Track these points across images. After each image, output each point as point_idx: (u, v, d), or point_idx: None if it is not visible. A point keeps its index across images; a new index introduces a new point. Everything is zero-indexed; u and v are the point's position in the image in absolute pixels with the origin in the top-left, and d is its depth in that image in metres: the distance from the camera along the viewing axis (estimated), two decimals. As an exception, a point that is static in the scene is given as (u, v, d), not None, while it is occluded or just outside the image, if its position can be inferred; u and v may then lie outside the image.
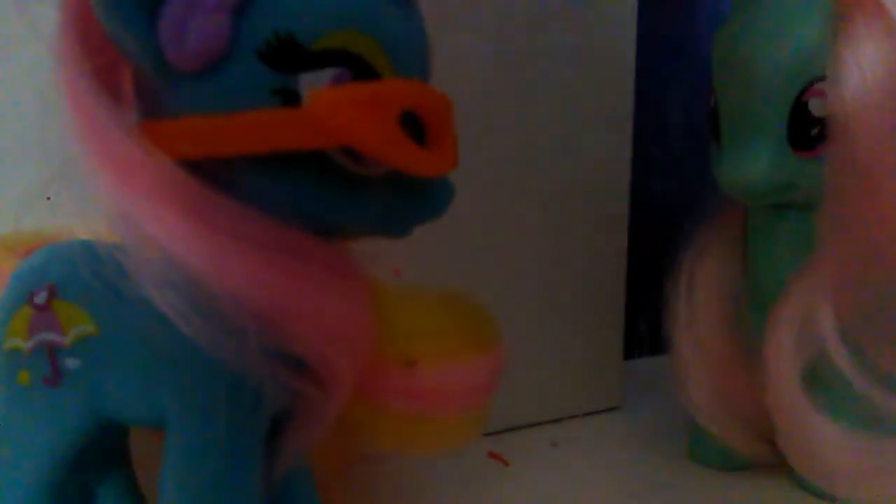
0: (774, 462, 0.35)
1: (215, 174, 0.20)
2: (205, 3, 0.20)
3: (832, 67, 0.30)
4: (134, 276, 0.21)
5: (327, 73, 0.20)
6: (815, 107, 0.31)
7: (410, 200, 0.22)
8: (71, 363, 0.24)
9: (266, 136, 0.20)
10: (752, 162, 0.32)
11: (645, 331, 0.54)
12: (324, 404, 0.23)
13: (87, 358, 0.24)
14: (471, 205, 0.24)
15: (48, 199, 0.25)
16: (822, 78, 0.30)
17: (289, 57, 0.20)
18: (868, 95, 0.29)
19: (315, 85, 0.20)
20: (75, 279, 0.24)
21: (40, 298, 0.24)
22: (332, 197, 0.21)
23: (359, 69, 0.20)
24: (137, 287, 0.21)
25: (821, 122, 0.31)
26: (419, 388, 0.26)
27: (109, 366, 0.24)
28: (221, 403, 0.23)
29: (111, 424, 0.25)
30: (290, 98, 0.20)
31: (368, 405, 0.25)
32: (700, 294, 0.37)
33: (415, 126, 0.21)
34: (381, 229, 0.23)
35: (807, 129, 0.31)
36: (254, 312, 0.20)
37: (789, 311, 0.32)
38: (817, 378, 0.32)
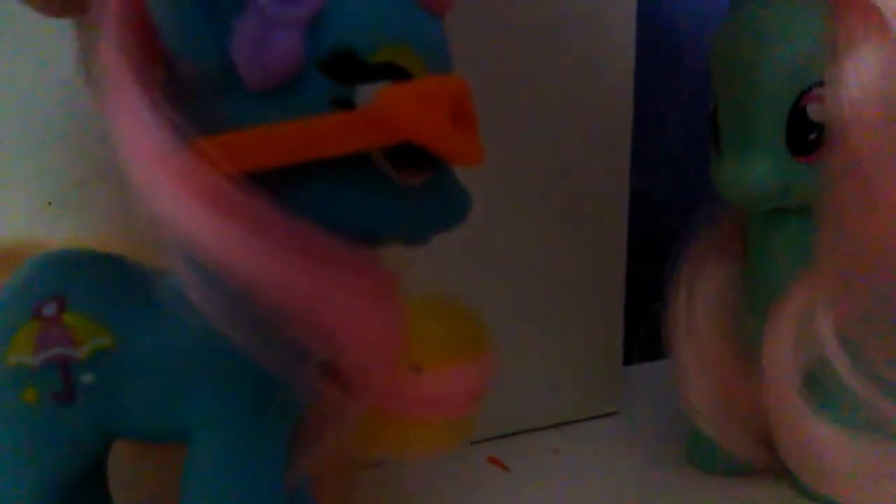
0: (774, 466, 0.35)
1: (263, 186, 0.20)
2: (283, 20, 0.20)
3: (831, 72, 0.30)
4: (173, 286, 0.21)
5: (380, 85, 0.21)
6: (813, 112, 0.31)
7: (437, 209, 0.23)
8: (86, 378, 0.23)
9: (334, 139, 0.20)
10: (751, 167, 0.32)
11: (644, 335, 0.54)
12: (347, 409, 0.23)
13: (104, 372, 0.23)
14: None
15: (49, 203, 0.25)
16: (820, 83, 0.30)
17: (349, 69, 0.20)
18: (866, 100, 0.29)
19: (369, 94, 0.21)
20: (86, 289, 0.23)
21: (49, 310, 0.23)
22: (375, 206, 0.22)
23: (403, 80, 0.21)
24: (165, 296, 0.21)
25: (819, 128, 0.31)
26: (415, 392, 0.26)
27: (129, 379, 0.23)
28: (250, 411, 0.23)
29: (117, 440, 0.24)
30: (346, 108, 0.21)
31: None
32: (699, 298, 0.37)
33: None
34: (409, 237, 0.23)
35: (805, 134, 0.31)
36: (297, 319, 0.20)
37: (788, 315, 0.32)
38: (816, 382, 0.32)
